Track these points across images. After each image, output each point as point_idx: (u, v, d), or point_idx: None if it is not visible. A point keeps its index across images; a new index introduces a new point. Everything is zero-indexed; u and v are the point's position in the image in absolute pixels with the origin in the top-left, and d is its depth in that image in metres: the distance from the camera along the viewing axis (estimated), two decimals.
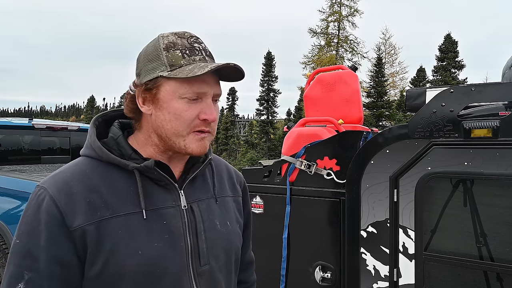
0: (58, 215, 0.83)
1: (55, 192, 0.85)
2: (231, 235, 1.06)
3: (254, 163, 24.44)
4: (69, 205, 0.84)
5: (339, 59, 25.61)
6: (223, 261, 1.02)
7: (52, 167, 4.82)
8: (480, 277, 1.67)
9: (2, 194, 3.63)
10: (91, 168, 0.92)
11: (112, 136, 0.97)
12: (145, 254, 0.88)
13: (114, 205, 0.88)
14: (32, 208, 0.86)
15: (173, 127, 0.91)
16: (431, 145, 1.72)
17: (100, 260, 0.85)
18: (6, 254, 3.35)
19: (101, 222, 0.86)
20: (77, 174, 0.90)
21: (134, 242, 0.87)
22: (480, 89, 1.66)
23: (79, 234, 0.84)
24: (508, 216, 1.66)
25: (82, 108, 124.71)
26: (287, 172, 2.31)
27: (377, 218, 1.86)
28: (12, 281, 0.84)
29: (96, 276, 0.85)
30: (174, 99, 0.90)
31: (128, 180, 0.92)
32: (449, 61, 24.06)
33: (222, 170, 1.15)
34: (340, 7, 26.03)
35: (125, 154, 0.94)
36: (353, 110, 3.09)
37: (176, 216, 0.95)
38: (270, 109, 31.99)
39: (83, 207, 0.85)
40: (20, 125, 4.90)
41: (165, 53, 0.90)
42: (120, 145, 0.95)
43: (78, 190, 0.87)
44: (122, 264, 0.85)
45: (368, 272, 1.90)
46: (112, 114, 1.05)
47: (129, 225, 0.88)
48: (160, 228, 0.91)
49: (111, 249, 0.85)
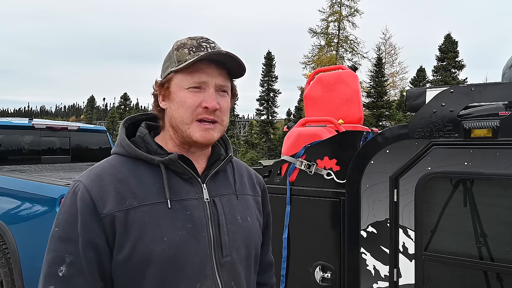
0: (90, 203, 0.92)
1: (88, 183, 0.95)
2: (251, 230, 1.11)
3: (254, 163, 24.43)
4: (100, 194, 0.94)
5: (339, 59, 25.61)
6: (243, 254, 1.07)
7: (52, 167, 4.81)
8: (480, 277, 1.67)
9: (2, 194, 3.63)
10: (121, 163, 1.01)
11: (139, 134, 1.07)
12: (170, 240, 0.94)
13: (141, 195, 0.96)
14: (69, 198, 0.95)
15: (180, 115, 1.00)
16: (431, 145, 1.72)
17: (128, 245, 0.92)
18: (6, 254, 3.35)
19: (129, 210, 0.93)
20: (108, 168, 1.00)
21: (160, 229, 0.94)
22: (480, 89, 1.66)
23: (108, 220, 0.92)
24: (508, 216, 1.66)
25: (82, 108, 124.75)
26: (287, 172, 2.31)
27: (377, 218, 1.86)
28: (53, 265, 0.91)
29: (124, 260, 0.92)
30: (181, 90, 1.00)
31: (154, 173, 1.00)
32: (449, 61, 24.07)
33: (242, 171, 1.21)
34: (340, 7, 26.04)
35: (151, 150, 1.03)
36: (353, 110, 3.09)
37: (198, 208, 1.01)
38: (270, 109, 32.00)
39: (112, 196, 0.94)
40: (20, 125, 4.90)
41: (176, 52, 1.03)
42: (146, 142, 1.05)
43: (108, 181, 0.96)
44: (149, 249, 0.92)
45: (368, 272, 1.90)
46: (140, 117, 1.15)
47: (155, 213, 0.95)
48: (183, 217, 0.98)
49: (138, 234, 0.92)
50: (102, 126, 7.22)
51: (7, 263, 3.35)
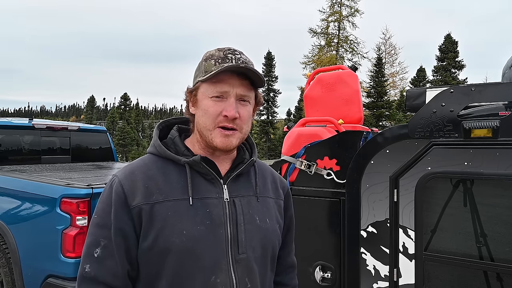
0: (122, 195, 1.05)
1: (122, 178, 1.08)
2: (269, 232, 1.16)
3: None
4: (131, 188, 1.05)
5: (339, 59, 25.61)
6: (259, 253, 1.12)
7: (52, 167, 4.80)
8: (480, 277, 1.67)
9: (3, 194, 3.63)
10: (152, 162, 1.12)
11: (170, 137, 1.18)
12: (189, 234, 1.03)
13: (166, 192, 1.06)
14: (107, 191, 1.08)
15: (204, 122, 1.09)
16: (431, 145, 1.72)
17: (152, 235, 1.02)
18: (6, 254, 3.35)
19: (155, 204, 1.04)
20: (141, 166, 1.11)
21: (180, 223, 1.04)
22: (480, 89, 1.66)
23: (136, 211, 1.03)
24: (508, 216, 1.66)
25: (82, 108, 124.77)
26: (287, 172, 2.31)
27: (377, 218, 1.87)
28: (91, 247, 1.05)
29: (148, 248, 1.03)
30: (205, 98, 1.09)
31: (180, 172, 1.10)
32: (449, 61, 24.07)
33: (266, 174, 1.27)
34: (340, 7, 26.06)
35: (179, 151, 1.13)
36: (353, 110, 3.09)
37: (218, 206, 1.09)
38: (270, 109, 32.01)
39: (141, 191, 1.05)
40: (20, 125, 4.90)
41: (204, 62, 1.11)
42: (175, 143, 1.16)
43: (139, 178, 1.08)
44: (169, 240, 1.02)
45: (368, 272, 1.90)
46: (174, 121, 1.25)
47: (177, 208, 1.05)
48: (203, 214, 1.06)
49: (161, 226, 1.03)
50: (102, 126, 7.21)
51: (7, 263, 3.35)
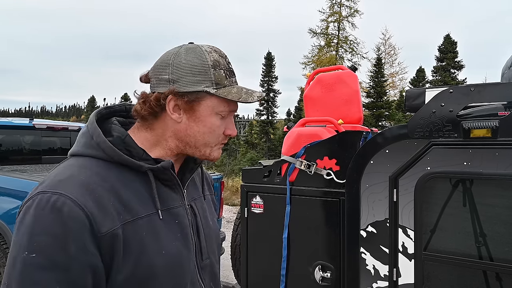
0: (86, 221, 0.78)
1: (78, 196, 0.79)
2: (217, 231, 1.15)
3: (254, 163, 24.41)
4: (96, 210, 0.80)
5: (339, 60, 25.62)
6: (217, 255, 1.10)
7: (52, 167, 4.81)
8: (479, 277, 1.68)
9: (3, 194, 3.64)
10: (104, 169, 0.88)
11: (118, 135, 0.93)
12: (168, 253, 0.90)
13: (133, 207, 0.87)
14: (48, 216, 0.77)
15: (205, 139, 0.96)
16: (431, 145, 1.72)
17: (130, 262, 0.83)
18: (6, 254, 3.36)
19: (125, 225, 0.83)
20: (93, 176, 0.85)
21: (157, 242, 0.88)
22: (479, 89, 1.67)
23: (107, 240, 0.80)
24: (508, 216, 1.66)
25: (82, 109, 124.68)
26: (287, 172, 2.32)
27: (377, 218, 1.87)
28: None
29: (125, 279, 0.83)
30: (212, 114, 0.94)
31: (140, 181, 0.91)
32: (448, 61, 24.04)
33: (201, 170, 1.21)
34: (340, 8, 26.03)
35: (135, 155, 0.91)
36: (352, 110, 3.10)
37: (183, 215, 0.98)
38: (270, 109, 31.98)
39: (108, 211, 0.82)
40: (21, 125, 4.91)
41: (213, 70, 0.93)
42: (128, 145, 0.92)
43: (100, 193, 0.82)
44: (151, 264, 0.86)
45: (367, 272, 1.91)
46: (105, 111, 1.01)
47: (150, 226, 0.88)
48: (174, 227, 0.94)
49: (139, 251, 0.84)
50: None
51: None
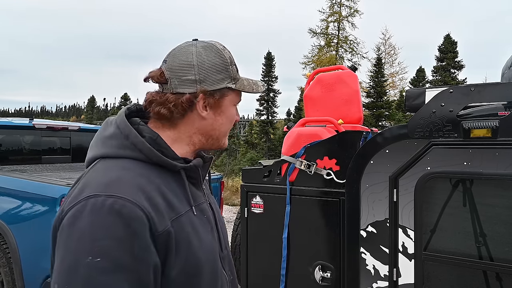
0: (146, 222, 0.81)
1: (135, 197, 0.82)
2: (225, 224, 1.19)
3: (254, 163, 24.40)
4: (152, 210, 0.83)
5: (339, 59, 25.61)
6: (229, 245, 1.15)
7: (52, 167, 4.81)
8: (479, 277, 1.68)
9: (3, 194, 3.63)
10: (145, 170, 0.91)
11: (150, 136, 0.95)
12: (206, 247, 0.97)
13: (175, 205, 0.91)
14: (106, 219, 0.77)
15: (225, 129, 1.06)
16: (431, 145, 1.72)
17: (182, 258, 0.88)
18: (7, 254, 3.35)
19: (173, 222, 0.88)
20: (142, 177, 0.88)
21: (198, 237, 0.94)
22: (479, 89, 1.67)
23: (163, 238, 0.84)
24: (508, 216, 1.67)
25: (82, 108, 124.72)
26: (287, 172, 2.32)
27: (377, 218, 1.87)
28: None
29: (177, 274, 0.87)
30: (231, 106, 1.05)
31: (174, 179, 0.95)
32: (448, 61, 24.03)
33: None
34: (340, 8, 26.03)
35: (168, 155, 0.95)
36: (352, 110, 3.10)
37: (208, 210, 1.06)
38: (270, 109, 31.98)
39: (160, 210, 0.85)
40: (21, 125, 4.90)
41: (231, 67, 1.02)
42: (161, 146, 0.95)
43: (151, 193, 0.86)
44: (197, 258, 0.92)
45: (367, 272, 1.91)
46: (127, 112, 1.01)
47: (190, 222, 0.94)
48: (205, 222, 1.01)
49: (187, 246, 0.90)
50: None
51: (7, 263, 3.35)
